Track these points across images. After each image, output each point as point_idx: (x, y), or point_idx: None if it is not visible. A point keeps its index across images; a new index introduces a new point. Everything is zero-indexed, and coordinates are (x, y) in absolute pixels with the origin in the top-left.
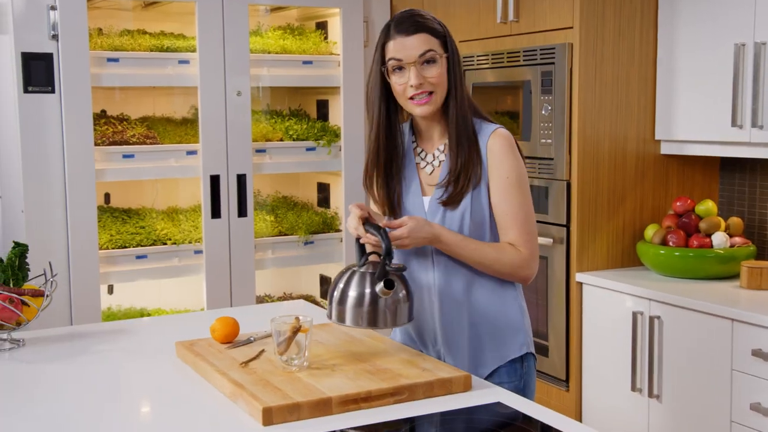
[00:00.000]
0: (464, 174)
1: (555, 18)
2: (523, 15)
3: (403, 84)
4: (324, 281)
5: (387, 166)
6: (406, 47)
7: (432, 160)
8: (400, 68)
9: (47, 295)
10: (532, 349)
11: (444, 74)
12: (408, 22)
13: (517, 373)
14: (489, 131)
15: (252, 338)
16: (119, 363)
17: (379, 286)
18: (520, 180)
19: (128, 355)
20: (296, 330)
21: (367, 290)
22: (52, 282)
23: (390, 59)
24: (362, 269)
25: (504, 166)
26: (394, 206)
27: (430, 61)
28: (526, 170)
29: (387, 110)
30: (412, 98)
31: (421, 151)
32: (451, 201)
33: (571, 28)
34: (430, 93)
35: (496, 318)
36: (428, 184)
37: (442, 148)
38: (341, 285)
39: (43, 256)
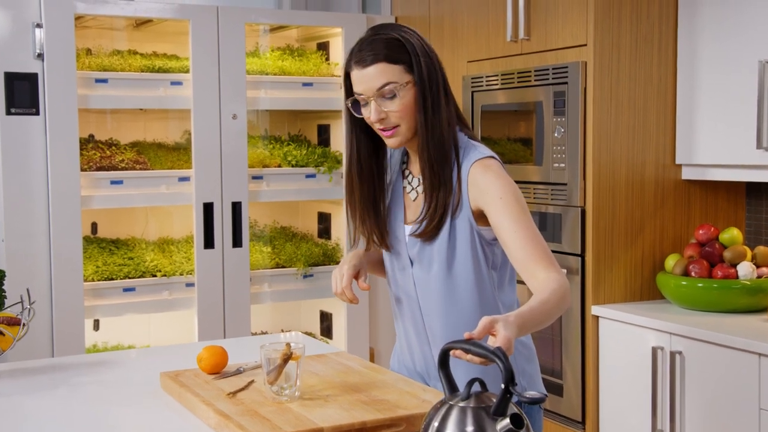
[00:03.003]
0: (440, 207)
1: (568, 35)
2: (535, 33)
3: (367, 117)
4: (324, 317)
5: (369, 197)
6: (363, 80)
7: (417, 185)
8: (365, 101)
9: (24, 324)
10: (545, 393)
11: (409, 105)
12: (367, 50)
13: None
14: (471, 161)
15: (241, 369)
16: (101, 395)
17: (503, 426)
18: (517, 200)
19: (111, 387)
20: (287, 357)
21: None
22: (29, 310)
23: (354, 93)
24: (462, 403)
25: (491, 191)
26: (383, 234)
27: (390, 95)
28: (519, 189)
29: (360, 140)
30: (380, 129)
31: (408, 174)
32: (425, 235)
33: (585, 45)
34: (396, 125)
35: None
36: (411, 212)
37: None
38: (436, 424)
39: (24, 289)
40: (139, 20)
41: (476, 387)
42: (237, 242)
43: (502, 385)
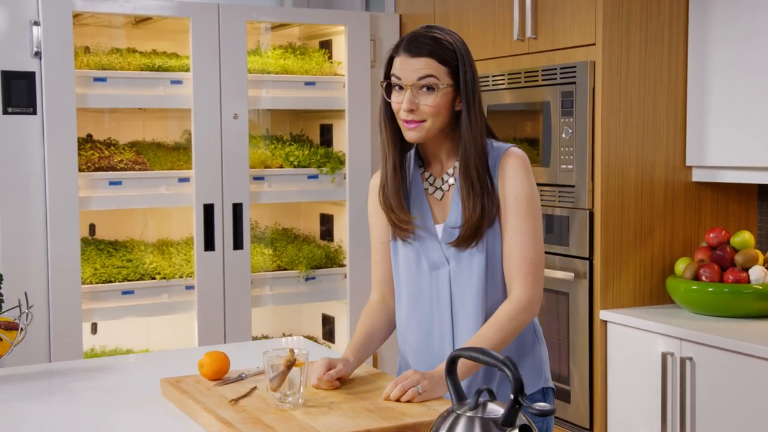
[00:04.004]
0: (478, 216)
1: (576, 34)
2: (542, 31)
3: (397, 103)
4: (327, 321)
5: (405, 186)
6: (407, 67)
7: (441, 185)
8: (400, 87)
9: (22, 329)
10: (551, 384)
11: (443, 105)
12: (419, 42)
13: None
14: (501, 151)
15: (243, 375)
16: (100, 402)
17: None
18: (531, 203)
19: (109, 393)
20: (291, 364)
21: None
22: (27, 314)
23: (392, 75)
24: (470, 412)
25: (514, 187)
26: (409, 233)
27: (429, 88)
28: (538, 194)
29: (397, 128)
30: (405, 120)
31: (429, 176)
32: (463, 242)
33: (594, 44)
34: (423, 120)
35: (511, 352)
36: (440, 212)
37: (451, 171)
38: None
39: (21, 292)
40: (139, 18)
41: (484, 396)
42: (238, 244)
43: (511, 396)
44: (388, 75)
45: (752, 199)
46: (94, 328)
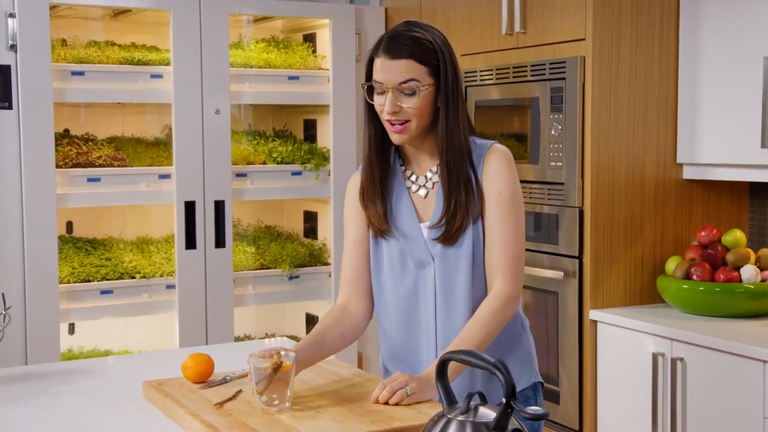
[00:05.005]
0: (461, 212)
1: (566, 29)
2: (531, 26)
3: (380, 105)
4: (311, 320)
5: (383, 186)
6: (387, 70)
7: (425, 182)
8: (382, 90)
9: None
10: (540, 378)
11: (425, 105)
12: (398, 43)
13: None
14: (485, 147)
15: (228, 377)
16: (81, 406)
17: None
18: (514, 198)
19: (91, 397)
20: (277, 366)
21: None
22: (5, 316)
23: (373, 80)
24: (461, 416)
25: (498, 181)
26: (392, 231)
27: (410, 92)
28: (521, 191)
29: (377, 127)
30: (389, 121)
31: (411, 174)
32: (447, 239)
33: (584, 39)
34: (406, 121)
35: (500, 350)
36: (424, 210)
37: (435, 169)
38: None
39: None
40: (117, 10)
41: (476, 400)
42: (220, 242)
43: (503, 400)
44: (369, 77)
45: (743, 197)
46: (71, 329)
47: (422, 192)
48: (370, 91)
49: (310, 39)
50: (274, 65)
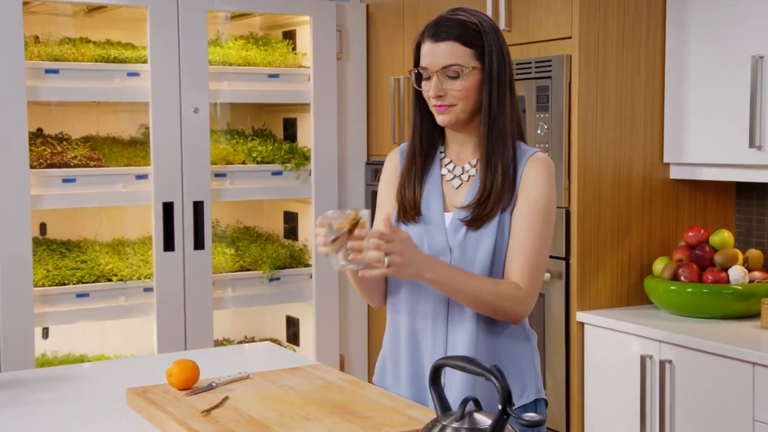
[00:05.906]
0: (494, 197)
1: (552, 27)
2: (516, 24)
3: (427, 91)
4: (291, 323)
5: (424, 173)
6: (432, 54)
7: (461, 174)
8: (428, 75)
9: None
10: (544, 395)
11: (471, 88)
12: (443, 26)
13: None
14: (528, 153)
15: (214, 384)
16: (61, 414)
17: None
18: (547, 210)
19: (71, 404)
20: (356, 223)
21: None
22: None
23: (420, 66)
24: (455, 423)
25: (535, 190)
26: (414, 216)
27: (454, 75)
28: (555, 204)
29: (424, 114)
30: (435, 105)
31: (449, 163)
32: (474, 222)
33: (570, 38)
34: (453, 104)
35: (505, 363)
36: (453, 199)
37: (474, 162)
38: None
39: None
40: (92, 6)
41: (470, 406)
42: (199, 244)
43: (499, 406)
44: (417, 63)
45: (731, 196)
46: (45, 333)
47: (455, 182)
48: (418, 78)
49: (289, 36)
50: (253, 63)
